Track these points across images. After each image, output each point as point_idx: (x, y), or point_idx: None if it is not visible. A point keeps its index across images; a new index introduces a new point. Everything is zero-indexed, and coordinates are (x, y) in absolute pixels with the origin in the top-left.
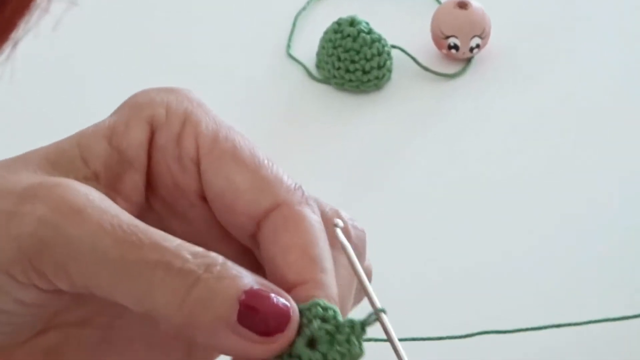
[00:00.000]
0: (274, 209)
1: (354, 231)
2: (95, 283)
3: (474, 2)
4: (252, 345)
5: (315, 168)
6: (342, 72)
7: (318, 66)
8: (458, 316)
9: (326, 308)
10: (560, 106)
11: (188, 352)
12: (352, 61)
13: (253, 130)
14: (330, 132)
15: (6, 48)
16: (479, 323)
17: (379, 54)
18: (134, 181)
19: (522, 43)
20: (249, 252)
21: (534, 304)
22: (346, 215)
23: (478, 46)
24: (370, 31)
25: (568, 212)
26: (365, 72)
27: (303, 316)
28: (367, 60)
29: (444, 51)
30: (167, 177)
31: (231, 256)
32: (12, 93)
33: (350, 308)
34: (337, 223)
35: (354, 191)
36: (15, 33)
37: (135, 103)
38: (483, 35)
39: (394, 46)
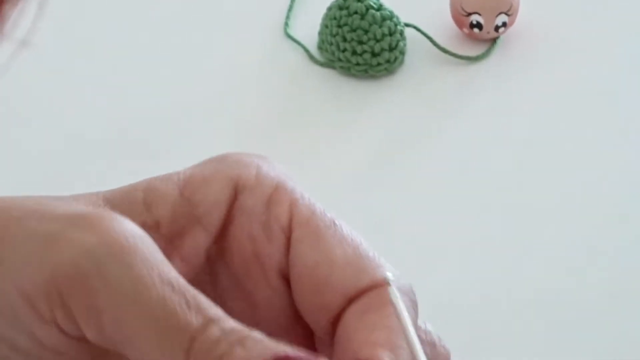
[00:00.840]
0: (371, 289)
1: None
2: (127, 339)
3: None
4: None
5: (317, 162)
6: (348, 55)
7: (320, 48)
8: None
9: None
10: (598, 92)
11: None
12: (360, 42)
13: (246, 121)
14: (334, 123)
15: None
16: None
17: (391, 34)
18: (198, 241)
19: (554, 21)
20: (312, 349)
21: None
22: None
23: (504, 25)
24: (380, 7)
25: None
26: (374, 55)
27: None
28: (377, 40)
29: (465, 30)
30: (247, 245)
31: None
32: None
33: None
34: (388, 276)
35: (362, 188)
36: None
37: (221, 159)
38: (510, 12)
39: (408, 24)
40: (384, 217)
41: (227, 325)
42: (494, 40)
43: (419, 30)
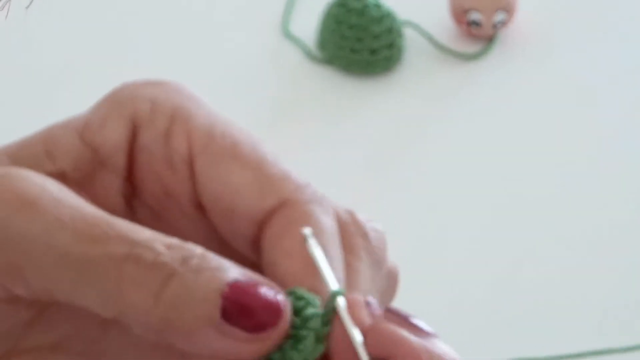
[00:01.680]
0: (279, 209)
1: (373, 233)
2: (56, 285)
3: None
4: (241, 344)
5: (315, 160)
6: (347, 52)
7: (319, 45)
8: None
9: (301, 297)
10: (596, 89)
11: None
12: (358, 39)
13: (244, 120)
14: (333, 121)
15: None
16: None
17: (389, 32)
18: (108, 185)
19: (553, 18)
20: (253, 269)
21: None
22: (363, 217)
23: (503, 22)
24: (378, 5)
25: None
26: (373, 52)
27: None
28: (376, 38)
29: (464, 27)
30: (154, 182)
31: None
32: None
33: None
34: (306, 232)
35: (360, 185)
36: None
37: (115, 97)
38: (508, 9)
39: (406, 22)
40: (382, 215)
41: (159, 243)
42: (492, 37)
43: (418, 27)
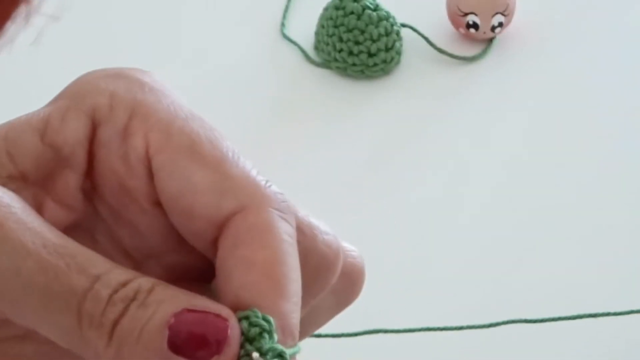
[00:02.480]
0: (237, 213)
1: (322, 246)
2: (17, 312)
3: None
4: None
5: (313, 162)
6: (345, 55)
7: (317, 48)
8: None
9: (256, 324)
10: (594, 92)
11: None
12: (356, 42)
13: (241, 123)
14: (331, 123)
15: None
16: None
17: (387, 34)
18: (70, 183)
19: (551, 21)
20: (213, 266)
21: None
22: (321, 225)
23: (501, 25)
24: (376, 7)
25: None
26: (371, 55)
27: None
28: (373, 41)
29: (462, 30)
30: (112, 180)
31: (188, 270)
32: None
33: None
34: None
35: (358, 188)
36: None
37: (75, 91)
38: (506, 12)
39: (404, 25)
40: (380, 217)
41: (115, 280)
42: (490, 40)
43: (415, 30)
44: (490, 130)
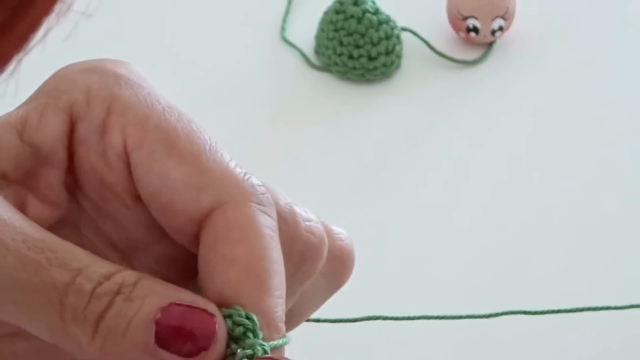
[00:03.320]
0: (217, 209)
1: (306, 234)
2: (0, 308)
3: None
4: None
5: (313, 166)
6: (345, 59)
7: (317, 52)
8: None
9: (239, 324)
10: (594, 96)
11: None
12: (356, 46)
13: (241, 126)
14: (331, 127)
15: (13, 62)
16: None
17: (387, 38)
18: (52, 180)
19: (551, 25)
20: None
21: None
22: (304, 212)
23: (501, 28)
24: (377, 11)
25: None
26: (371, 59)
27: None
28: (374, 44)
29: (462, 34)
30: (92, 176)
31: (175, 261)
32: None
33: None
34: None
35: (358, 192)
36: (25, 47)
37: (51, 87)
38: (506, 16)
39: (405, 28)
40: (380, 221)
41: (97, 273)
42: (491, 44)
43: (416, 34)
44: (490, 133)
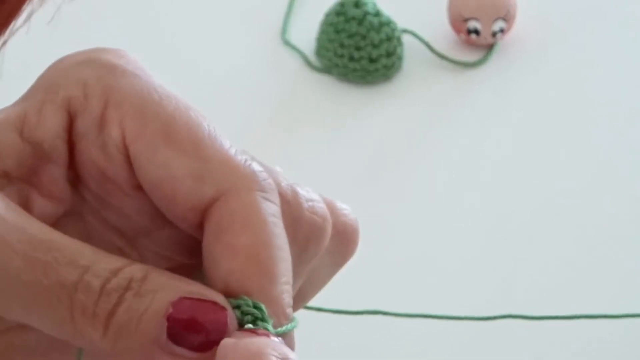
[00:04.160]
0: (219, 198)
1: (309, 214)
2: (7, 309)
3: None
4: None
5: (314, 168)
6: (346, 61)
7: (318, 53)
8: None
9: (248, 313)
10: (595, 98)
11: None
12: (357, 48)
13: (243, 126)
14: (332, 129)
15: None
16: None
17: (388, 40)
18: (55, 176)
19: (552, 27)
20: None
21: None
22: (306, 193)
23: (502, 30)
24: (377, 13)
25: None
26: (372, 61)
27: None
28: (375, 46)
29: (463, 36)
30: (94, 169)
31: (181, 244)
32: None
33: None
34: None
35: (359, 193)
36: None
37: (48, 83)
38: (507, 17)
39: (406, 30)
40: (381, 222)
41: (105, 269)
42: (492, 46)
43: (417, 36)
44: (491, 135)
